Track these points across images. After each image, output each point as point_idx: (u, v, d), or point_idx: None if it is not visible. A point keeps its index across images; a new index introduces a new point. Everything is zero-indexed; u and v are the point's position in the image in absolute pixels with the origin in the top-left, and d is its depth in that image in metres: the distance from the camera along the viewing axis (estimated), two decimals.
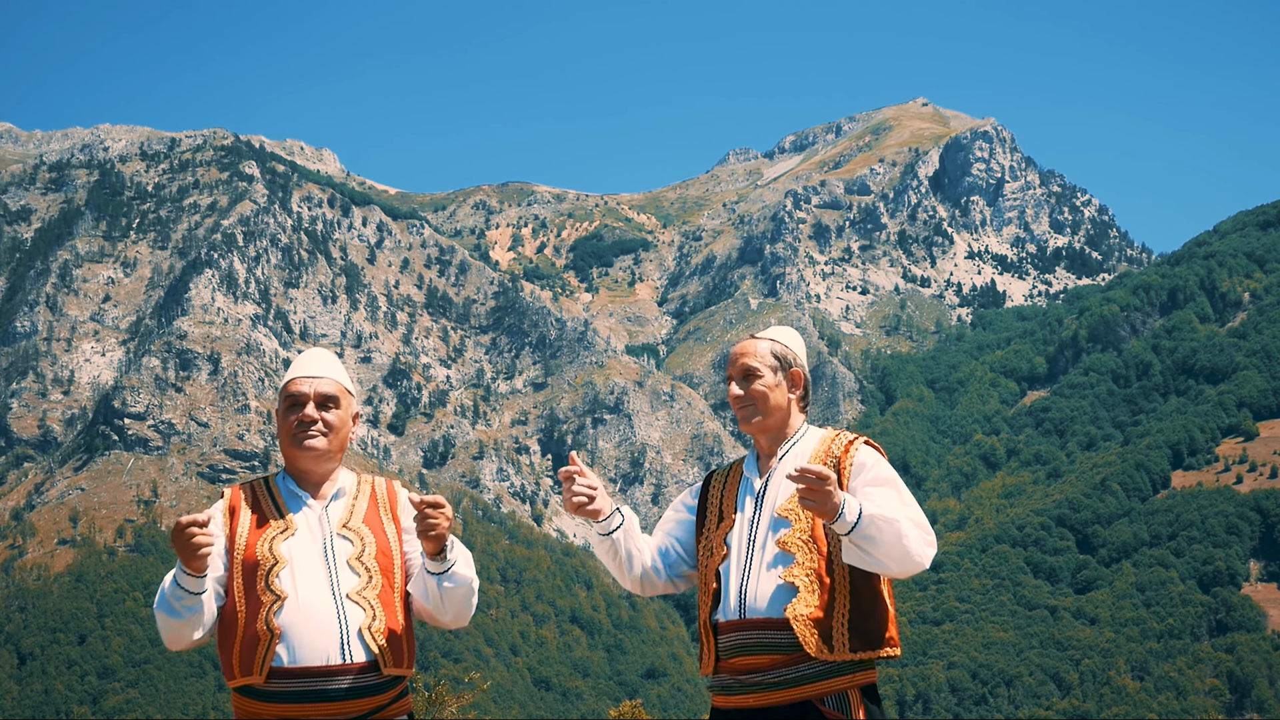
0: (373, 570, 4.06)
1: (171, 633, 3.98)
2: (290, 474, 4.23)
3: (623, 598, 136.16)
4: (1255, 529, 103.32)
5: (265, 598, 3.96)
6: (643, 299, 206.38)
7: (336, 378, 4.23)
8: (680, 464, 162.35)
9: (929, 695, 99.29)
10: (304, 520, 4.11)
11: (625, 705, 20.15)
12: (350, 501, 4.19)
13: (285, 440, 4.18)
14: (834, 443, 4.17)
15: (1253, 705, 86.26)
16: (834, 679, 3.99)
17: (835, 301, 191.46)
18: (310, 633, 3.93)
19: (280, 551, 4.02)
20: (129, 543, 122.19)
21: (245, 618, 3.97)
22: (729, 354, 4.33)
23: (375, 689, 3.99)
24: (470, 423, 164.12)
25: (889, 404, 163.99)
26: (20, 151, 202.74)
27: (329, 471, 4.21)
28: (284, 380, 4.24)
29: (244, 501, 4.16)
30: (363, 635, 3.97)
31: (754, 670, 4.03)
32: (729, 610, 4.10)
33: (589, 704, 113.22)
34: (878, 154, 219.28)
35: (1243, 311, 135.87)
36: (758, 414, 4.20)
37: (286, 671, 3.91)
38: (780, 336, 4.33)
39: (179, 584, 3.91)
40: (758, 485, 4.22)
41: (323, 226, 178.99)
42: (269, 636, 3.92)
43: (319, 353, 4.31)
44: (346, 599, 3.99)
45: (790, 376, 4.25)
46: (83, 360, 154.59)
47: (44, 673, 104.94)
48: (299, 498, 4.17)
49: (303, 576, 4.00)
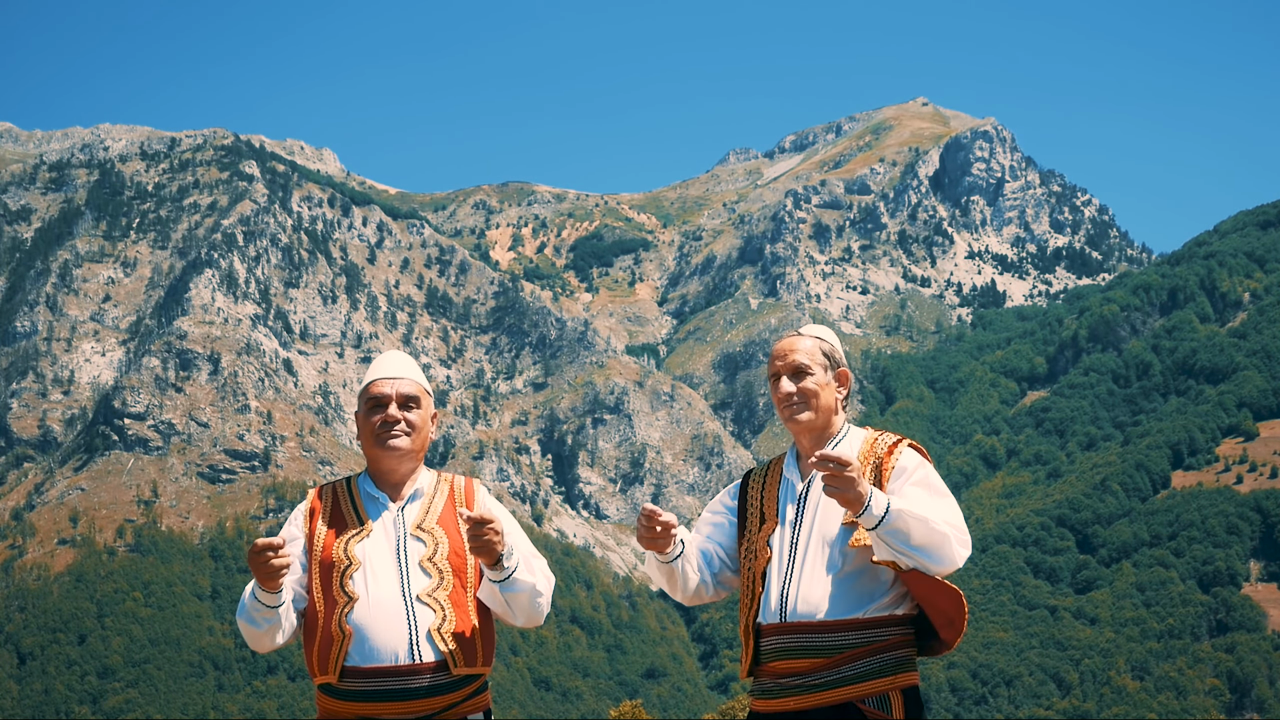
0: (444, 571, 4.14)
1: (253, 640, 4.13)
2: (371, 474, 4.29)
3: (623, 597, 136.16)
4: (1255, 529, 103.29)
5: (339, 599, 4.07)
6: (643, 299, 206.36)
7: (416, 378, 4.30)
8: (680, 464, 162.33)
9: (929, 695, 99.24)
10: (380, 521, 4.19)
11: (625, 705, 20.17)
12: (427, 502, 4.26)
13: (368, 441, 4.23)
14: (877, 443, 4.17)
15: (1253, 705, 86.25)
16: (876, 680, 3.99)
17: (835, 301, 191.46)
18: (380, 633, 4.03)
19: (355, 553, 4.12)
20: (129, 543, 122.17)
21: (323, 619, 4.08)
22: (772, 350, 4.29)
23: (445, 688, 4.06)
24: (470, 423, 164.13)
25: (889, 404, 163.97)
26: (20, 151, 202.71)
27: (410, 471, 4.27)
28: (364, 381, 4.29)
29: (323, 502, 4.24)
30: (432, 636, 4.05)
31: (795, 674, 4.03)
32: (770, 613, 4.09)
33: (589, 704, 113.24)
34: (878, 154, 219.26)
35: (1243, 311, 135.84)
36: (808, 410, 4.17)
37: (359, 671, 4.02)
38: (825, 335, 4.30)
39: (257, 598, 4.03)
40: (800, 487, 4.21)
41: (323, 226, 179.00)
42: (341, 637, 4.04)
43: (397, 354, 4.38)
44: (417, 600, 4.07)
45: (839, 376, 4.23)
46: (83, 360, 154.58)
47: (44, 673, 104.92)
48: (377, 499, 4.23)
49: (375, 578, 4.09)
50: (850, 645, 3.99)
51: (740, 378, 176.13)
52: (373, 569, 4.09)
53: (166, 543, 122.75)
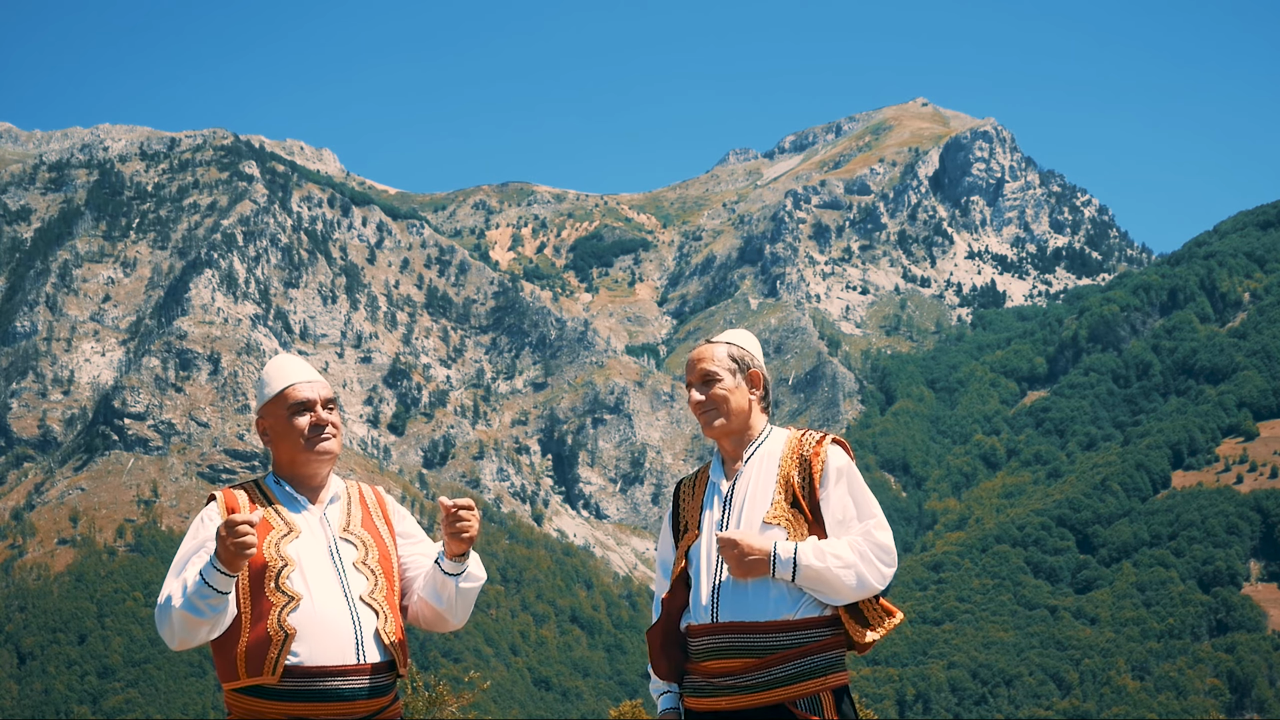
0: (378, 574, 4.12)
1: (187, 632, 3.94)
2: (287, 478, 4.22)
3: (623, 597, 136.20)
4: (1255, 529, 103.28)
5: (276, 599, 3.98)
6: (643, 299, 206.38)
7: (325, 381, 4.30)
8: (680, 464, 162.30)
9: (929, 695, 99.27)
10: (305, 523, 4.13)
11: (625, 705, 20.14)
12: (346, 505, 4.23)
13: (296, 445, 4.16)
14: (803, 442, 4.20)
15: (1253, 705, 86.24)
16: (807, 681, 4.02)
17: (835, 301, 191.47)
18: (326, 633, 3.98)
19: (288, 553, 4.05)
20: (129, 543, 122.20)
21: (251, 618, 3.98)
22: (687, 361, 4.34)
23: (384, 689, 4.05)
24: (470, 423, 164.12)
25: (889, 404, 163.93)
26: (20, 151, 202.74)
27: (328, 474, 4.26)
28: (277, 387, 4.20)
29: (241, 503, 4.15)
30: (378, 636, 4.03)
31: (727, 674, 4.06)
32: (701, 613, 4.12)
33: (589, 704, 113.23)
34: (878, 154, 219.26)
35: (1243, 311, 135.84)
36: (720, 417, 4.20)
37: (303, 671, 3.95)
38: (735, 339, 4.33)
39: (209, 582, 3.88)
40: (725, 488, 4.23)
41: (323, 226, 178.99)
42: (282, 636, 3.95)
43: (298, 358, 4.33)
44: (359, 601, 4.04)
45: (749, 378, 4.25)
46: (83, 360, 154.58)
47: (44, 673, 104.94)
48: (297, 500, 4.18)
49: (314, 578, 4.03)
50: (783, 646, 4.02)
51: None
52: (310, 570, 4.03)
53: (167, 543, 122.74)
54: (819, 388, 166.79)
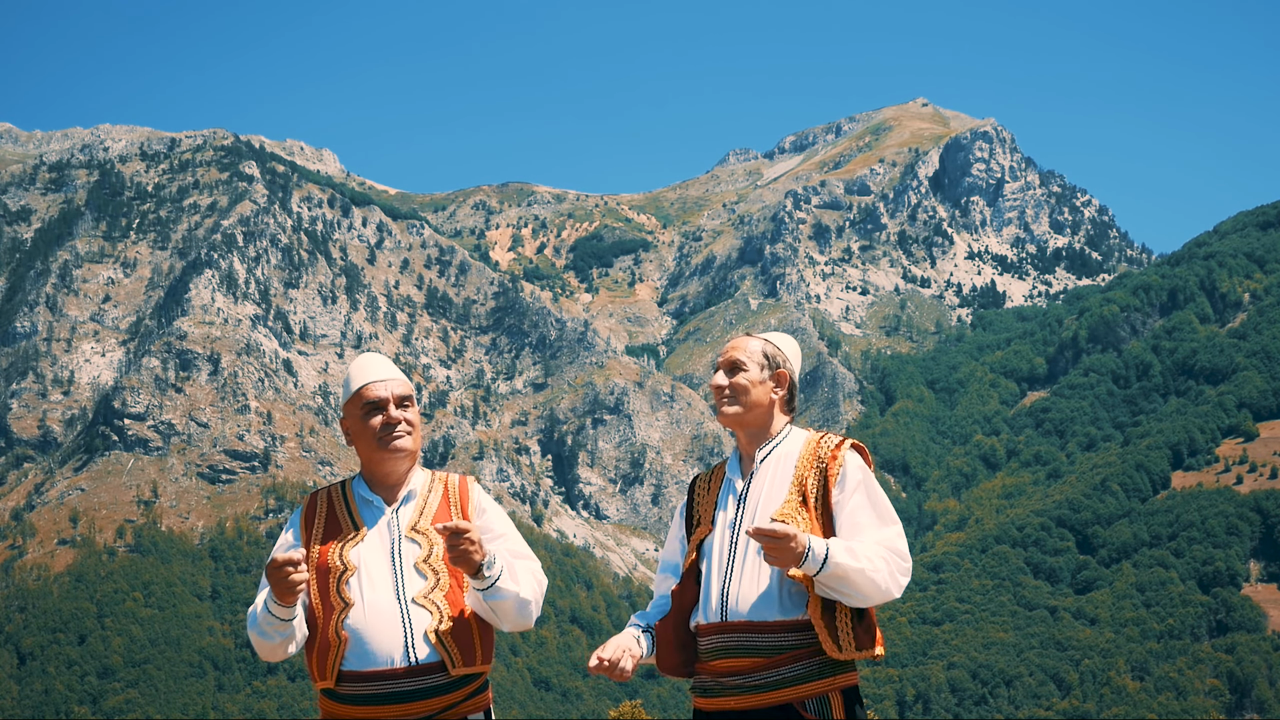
0: (440, 571, 4.14)
1: (265, 652, 4.13)
2: (367, 478, 4.27)
3: (623, 597, 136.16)
4: (1255, 529, 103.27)
5: (335, 604, 4.08)
6: (643, 299, 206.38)
7: (403, 378, 4.29)
8: (680, 464, 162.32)
9: (929, 695, 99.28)
10: (375, 525, 4.18)
11: (625, 705, 20.16)
12: (420, 503, 4.25)
13: (370, 445, 4.19)
14: (820, 445, 4.18)
15: (1253, 705, 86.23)
16: (815, 682, 4.01)
17: (835, 302, 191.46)
18: (375, 637, 4.04)
19: (350, 558, 4.12)
20: (129, 543, 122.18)
21: (321, 624, 4.10)
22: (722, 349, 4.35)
23: (444, 688, 4.07)
24: (470, 423, 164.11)
25: (889, 404, 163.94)
26: (20, 151, 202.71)
27: (407, 471, 4.26)
28: (353, 387, 4.23)
29: (318, 508, 4.24)
30: (428, 637, 4.06)
31: (735, 673, 4.04)
32: (710, 613, 4.11)
33: (589, 704, 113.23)
34: (878, 154, 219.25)
35: (1243, 312, 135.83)
36: (735, 404, 4.21)
37: (356, 675, 4.03)
38: (773, 338, 4.36)
39: (271, 612, 4.04)
40: (740, 486, 4.23)
41: (323, 227, 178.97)
42: (338, 642, 4.05)
43: (378, 356, 4.36)
44: (412, 602, 4.08)
45: (776, 376, 4.26)
46: (83, 360, 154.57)
47: (44, 673, 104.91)
48: (371, 503, 4.23)
49: (369, 582, 4.09)
50: (791, 646, 4.00)
51: None
52: (368, 573, 4.09)
53: (166, 543, 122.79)
54: (819, 388, 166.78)
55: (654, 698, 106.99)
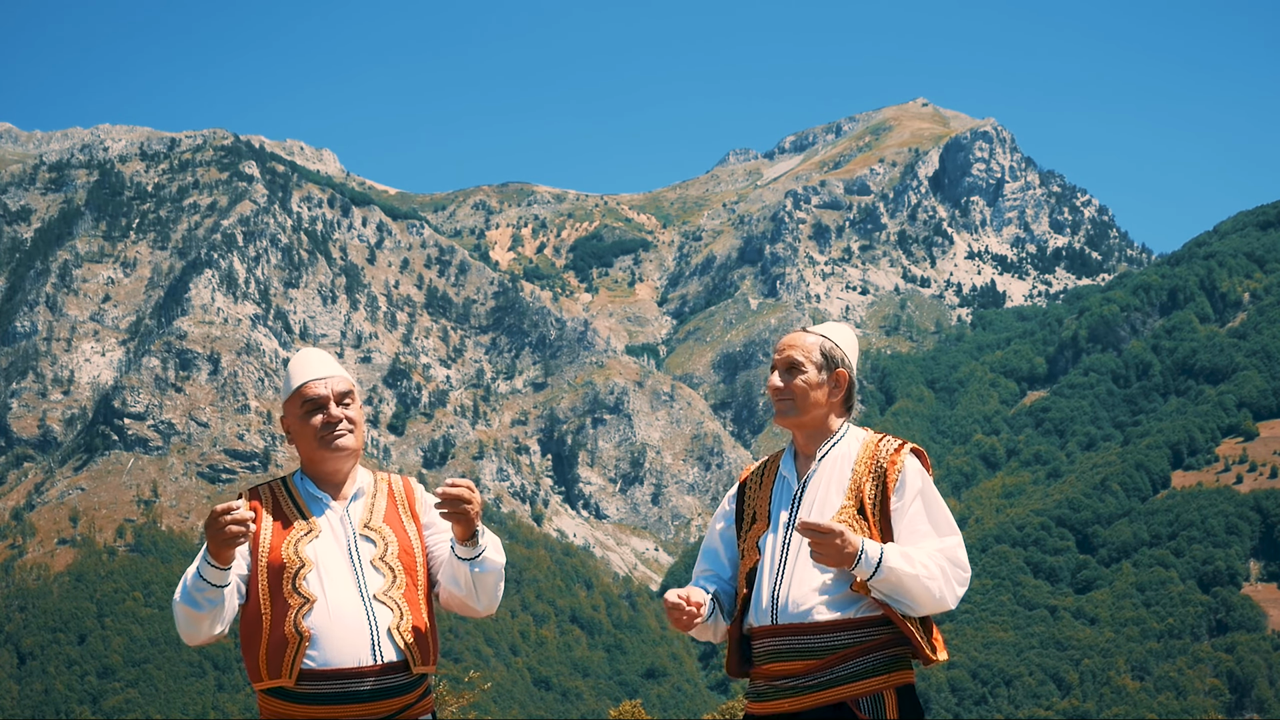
0: (396, 570, 4.08)
1: (190, 626, 3.97)
2: (311, 475, 4.19)
3: (623, 597, 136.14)
4: (1255, 529, 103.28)
5: (293, 600, 3.98)
6: (643, 299, 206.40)
7: (344, 374, 4.23)
8: (680, 464, 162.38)
9: (929, 695, 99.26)
10: (326, 522, 4.11)
11: (625, 705, 20.13)
12: (369, 500, 4.19)
13: (311, 443, 4.13)
14: (879, 447, 4.08)
15: (1253, 705, 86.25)
16: (869, 679, 3.94)
17: (835, 302, 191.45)
18: (341, 635, 3.97)
19: (306, 554, 4.04)
20: (129, 543, 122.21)
21: (271, 620, 3.99)
22: (776, 344, 4.24)
23: (404, 688, 4.02)
24: (470, 423, 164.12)
25: (889, 404, 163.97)
26: (20, 151, 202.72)
27: (350, 469, 4.20)
28: (293, 385, 4.17)
29: (265, 503, 4.15)
30: (392, 635, 4.00)
31: (788, 676, 3.97)
32: (761, 615, 4.03)
33: (589, 704, 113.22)
34: (878, 154, 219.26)
35: (1243, 311, 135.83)
36: (795, 410, 4.10)
37: (318, 674, 3.95)
38: (832, 334, 4.20)
39: (201, 575, 3.91)
40: (795, 486, 4.14)
41: (323, 226, 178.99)
42: (298, 639, 3.95)
43: (318, 352, 4.29)
44: (375, 600, 4.02)
45: (835, 377, 4.12)
46: (83, 360, 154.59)
47: (44, 673, 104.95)
48: (319, 499, 4.16)
49: (330, 579, 4.02)
50: (843, 645, 3.93)
51: (740, 378, 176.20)
52: (326, 570, 4.02)
53: (166, 543, 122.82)
54: None
55: (654, 698, 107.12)
